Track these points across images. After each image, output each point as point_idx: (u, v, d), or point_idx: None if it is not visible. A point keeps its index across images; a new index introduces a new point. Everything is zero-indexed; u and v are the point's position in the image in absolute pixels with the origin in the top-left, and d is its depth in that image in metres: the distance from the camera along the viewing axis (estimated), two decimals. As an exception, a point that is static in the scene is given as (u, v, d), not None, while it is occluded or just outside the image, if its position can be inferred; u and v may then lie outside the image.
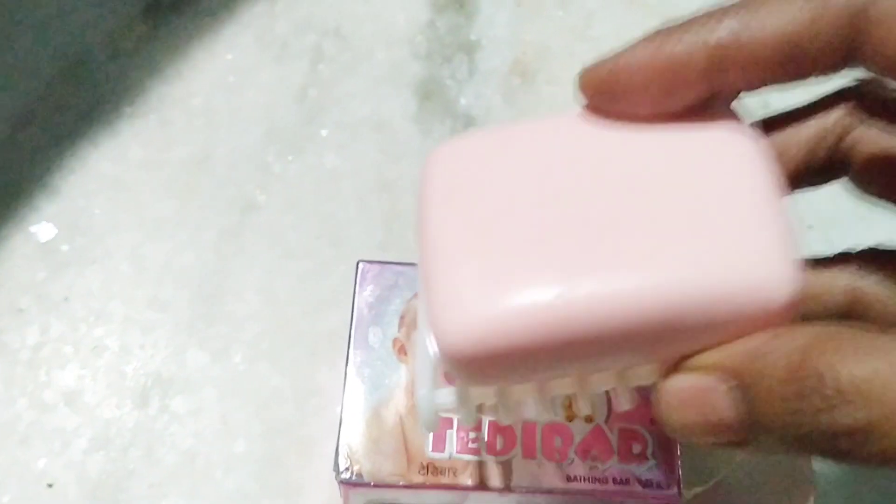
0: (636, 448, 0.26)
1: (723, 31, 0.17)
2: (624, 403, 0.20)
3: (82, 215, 0.37)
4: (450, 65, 0.40)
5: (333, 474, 0.26)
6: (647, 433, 0.27)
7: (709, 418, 0.17)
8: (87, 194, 0.37)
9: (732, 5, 0.17)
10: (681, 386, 0.17)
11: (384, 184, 0.38)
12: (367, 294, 0.29)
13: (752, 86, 0.18)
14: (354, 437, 0.27)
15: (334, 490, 0.31)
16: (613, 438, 0.27)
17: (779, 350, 0.16)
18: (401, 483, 0.26)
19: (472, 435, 0.27)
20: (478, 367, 0.18)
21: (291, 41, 0.41)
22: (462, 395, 0.21)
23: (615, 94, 0.19)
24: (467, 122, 0.39)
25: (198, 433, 0.33)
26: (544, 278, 0.17)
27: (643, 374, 0.19)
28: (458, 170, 0.20)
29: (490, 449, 0.26)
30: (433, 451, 0.26)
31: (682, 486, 0.26)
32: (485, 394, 0.21)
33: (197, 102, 0.40)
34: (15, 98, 0.39)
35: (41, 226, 0.36)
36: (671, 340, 0.18)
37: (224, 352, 0.34)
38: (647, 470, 0.26)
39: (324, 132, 0.39)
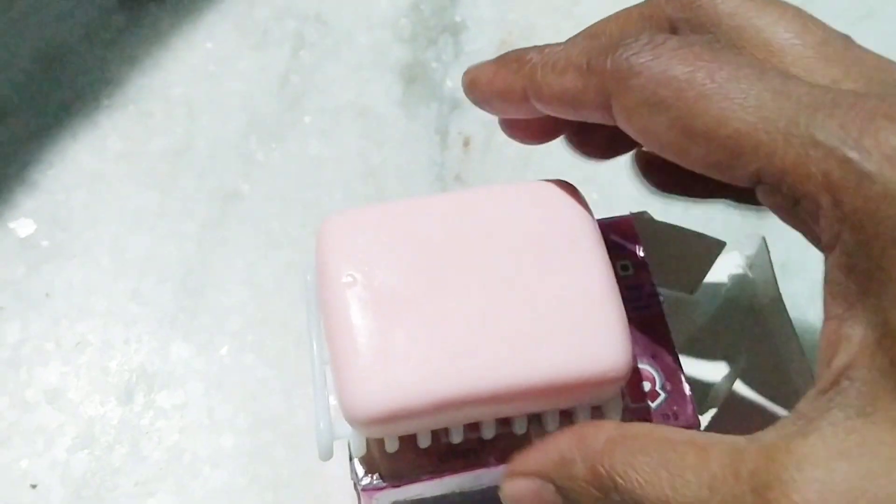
0: (646, 386, 0.26)
1: (531, 79, 0.22)
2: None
3: (62, 209, 0.36)
4: (435, 47, 0.39)
5: (352, 483, 0.25)
6: (652, 369, 0.26)
7: None
8: (67, 188, 0.36)
9: (546, 55, 0.22)
10: (517, 489, 0.21)
11: (369, 170, 0.37)
12: None
13: (559, 115, 0.22)
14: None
15: (324, 482, 0.31)
16: None
17: (581, 455, 0.19)
18: (424, 476, 0.25)
19: None
20: (372, 426, 0.22)
21: (272, 28, 0.40)
22: (357, 433, 0.23)
23: (478, 102, 0.24)
24: (453, 104, 0.38)
25: (184, 428, 0.32)
26: (428, 359, 0.22)
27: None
28: (354, 243, 0.23)
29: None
30: None
31: (696, 410, 0.26)
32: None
33: (177, 93, 0.39)
34: (-10, 92, 0.38)
35: (20, 221, 0.36)
36: (535, 404, 0.23)
37: (209, 344, 0.33)
38: (659, 404, 0.26)
39: (307, 119, 0.38)
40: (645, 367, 0.26)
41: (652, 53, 0.19)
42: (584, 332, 0.22)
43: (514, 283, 0.23)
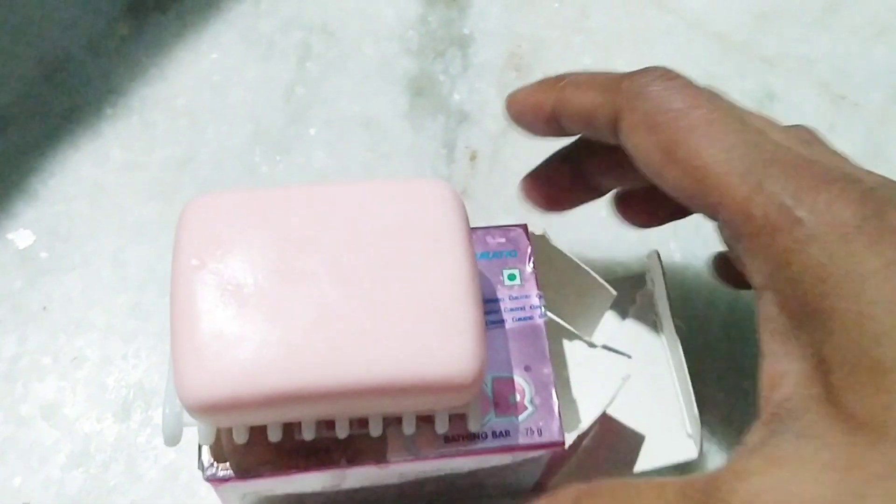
0: (516, 397, 0.26)
1: (559, 95, 0.25)
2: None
3: (62, 220, 0.35)
4: (442, 60, 0.39)
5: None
6: (524, 381, 0.26)
7: None
8: (67, 199, 0.36)
9: (574, 79, 0.25)
10: None
11: (375, 183, 0.36)
12: None
13: (585, 135, 0.26)
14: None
15: None
16: (488, 390, 0.26)
17: None
18: (270, 471, 0.24)
19: None
20: (204, 413, 0.21)
21: (278, 39, 0.40)
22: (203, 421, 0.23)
23: (513, 118, 0.27)
24: (461, 117, 0.37)
25: (180, 447, 0.31)
26: (266, 349, 0.21)
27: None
28: (211, 227, 0.23)
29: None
30: None
31: (563, 429, 0.25)
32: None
33: (181, 103, 0.38)
34: (-8, 101, 0.37)
35: (19, 233, 0.35)
36: (382, 404, 0.23)
37: (209, 360, 0.33)
38: (526, 418, 0.25)
39: (312, 131, 0.37)
40: (517, 379, 0.26)
41: (662, 84, 0.22)
42: (434, 333, 0.22)
43: (369, 281, 0.22)
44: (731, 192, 0.20)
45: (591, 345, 0.31)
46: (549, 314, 0.27)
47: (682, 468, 0.28)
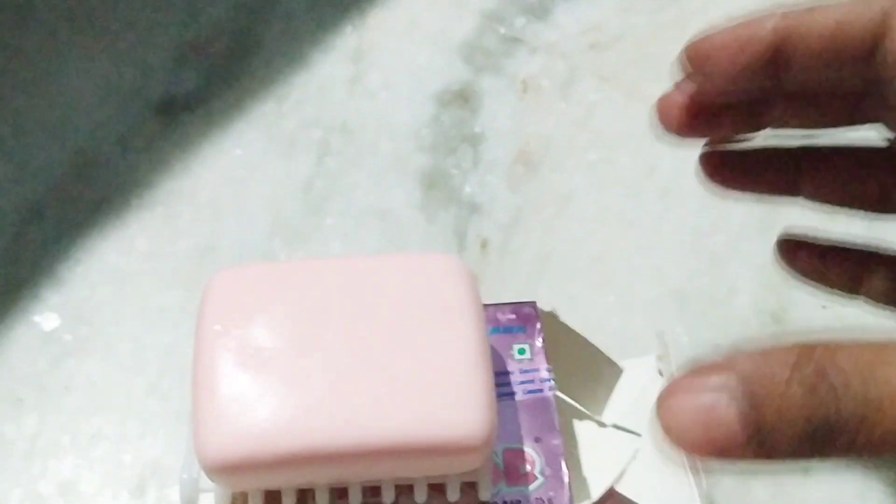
0: (526, 467, 0.26)
1: (791, 16, 0.21)
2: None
3: (86, 305, 0.37)
4: (454, 155, 0.41)
5: None
6: (534, 452, 0.26)
7: (714, 434, 0.17)
8: (93, 284, 0.37)
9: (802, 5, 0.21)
10: (681, 406, 0.17)
11: (389, 271, 0.37)
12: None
13: (804, 68, 0.21)
14: None
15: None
16: (499, 460, 0.26)
17: (778, 357, 0.17)
18: None
19: None
20: (220, 475, 0.22)
21: (299, 136, 0.42)
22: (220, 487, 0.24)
23: (702, 59, 0.22)
24: (472, 208, 0.39)
25: (195, 524, 0.31)
26: (282, 412, 0.22)
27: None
28: (234, 297, 0.24)
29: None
30: None
31: (573, 499, 0.25)
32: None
33: (204, 196, 0.40)
34: (27, 192, 0.39)
35: (45, 315, 0.36)
36: (393, 469, 0.23)
37: (224, 440, 0.33)
38: (536, 488, 0.25)
39: (329, 221, 0.39)
40: (528, 450, 0.26)
41: None
42: (445, 398, 0.23)
43: (383, 348, 0.23)
44: None
45: (601, 423, 0.31)
46: (558, 393, 0.28)
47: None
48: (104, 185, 0.40)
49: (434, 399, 0.23)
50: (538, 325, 0.28)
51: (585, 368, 0.30)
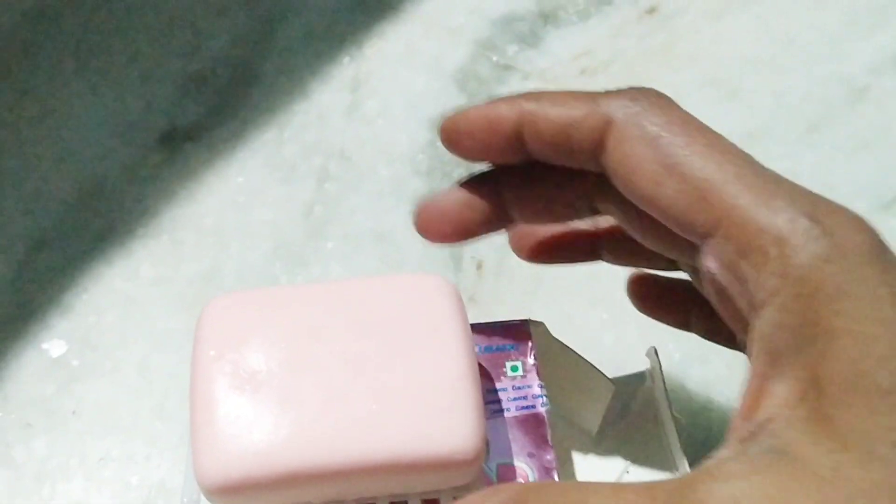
0: (518, 482, 0.26)
1: (529, 105, 0.23)
2: None
3: (93, 331, 0.38)
4: (450, 179, 0.42)
5: None
6: (527, 466, 0.27)
7: None
8: (99, 311, 0.38)
9: (544, 93, 0.23)
10: None
11: (388, 293, 0.38)
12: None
13: (541, 153, 0.23)
14: None
15: None
16: (493, 475, 0.27)
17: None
18: None
19: None
20: (219, 496, 0.23)
21: (299, 163, 0.43)
22: None
23: (458, 136, 0.24)
24: (468, 231, 0.40)
25: (200, 542, 0.32)
26: (276, 432, 0.23)
27: None
28: (228, 322, 0.25)
29: None
30: None
31: None
32: None
33: (208, 222, 0.41)
34: (34, 221, 0.40)
35: (53, 342, 0.37)
36: (387, 484, 0.24)
37: (228, 460, 0.34)
38: None
39: (329, 245, 0.40)
40: (521, 465, 0.27)
41: (658, 101, 0.22)
42: (434, 414, 0.23)
43: (374, 367, 0.24)
44: (741, 204, 0.20)
45: (593, 439, 0.32)
46: (550, 409, 0.29)
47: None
48: (110, 213, 0.41)
49: (424, 415, 0.23)
50: (530, 343, 0.29)
51: (578, 384, 0.31)
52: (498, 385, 0.29)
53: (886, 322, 0.18)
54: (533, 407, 0.28)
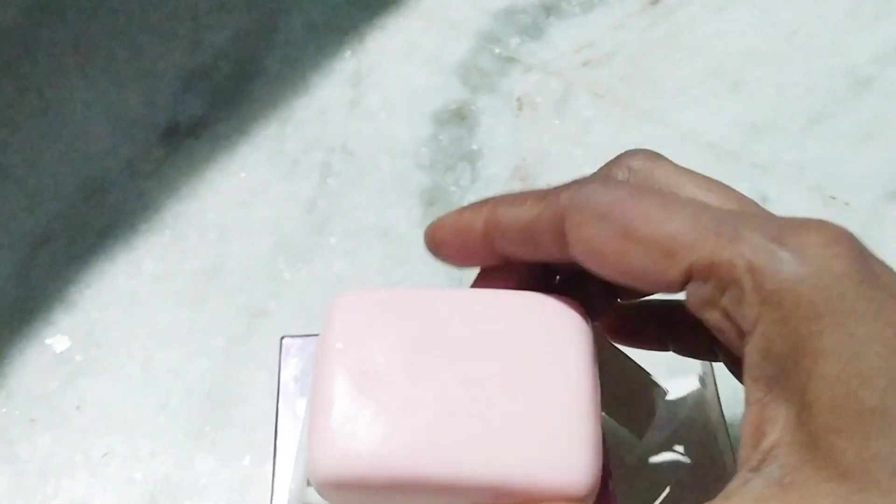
0: None
1: (491, 211, 0.24)
2: None
3: (97, 327, 0.37)
4: (453, 173, 0.42)
5: None
6: None
7: None
8: (103, 307, 0.38)
9: (506, 196, 0.24)
10: None
11: (391, 286, 0.38)
12: (291, 367, 0.30)
13: (519, 255, 0.24)
14: None
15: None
16: None
17: None
18: None
19: None
20: (331, 491, 0.23)
21: (301, 158, 0.43)
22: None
23: (436, 245, 0.26)
24: (471, 224, 0.40)
25: (205, 538, 0.32)
26: (393, 437, 0.22)
27: None
28: (358, 318, 0.24)
29: None
30: None
31: None
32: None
33: (210, 218, 0.41)
34: (37, 218, 0.40)
35: (56, 338, 0.37)
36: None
37: (233, 455, 0.34)
38: None
39: (332, 240, 0.40)
40: None
41: (604, 183, 0.23)
42: (552, 442, 0.23)
43: (495, 384, 0.23)
44: (707, 248, 0.20)
45: (639, 443, 0.31)
46: (603, 414, 0.28)
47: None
48: (112, 209, 0.41)
49: (541, 442, 0.23)
50: None
51: (629, 388, 0.30)
52: None
53: (867, 338, 0.18)
54: None
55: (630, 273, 0.22)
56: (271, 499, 0.26)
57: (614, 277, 0.22)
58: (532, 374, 0.24)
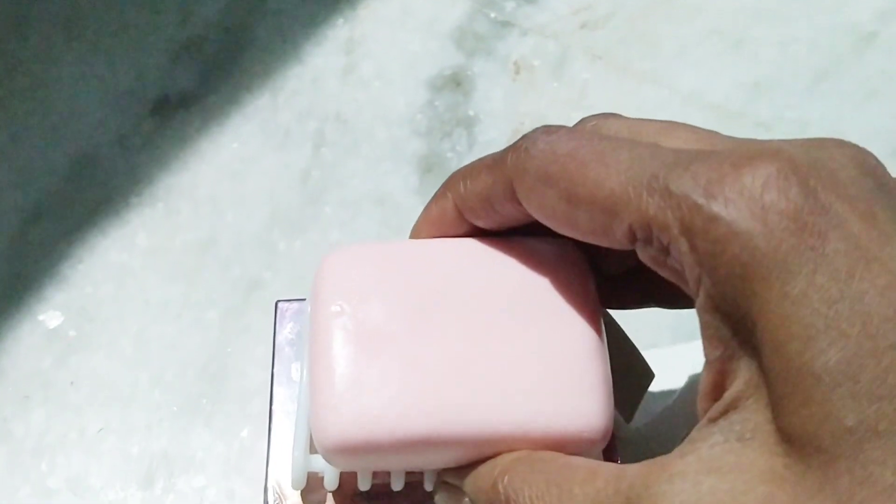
0: None
1: (455, 192, 0.24)
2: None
3: (90, 302, 0.37)
4: (450, 139, 0.41)
5: None
6: None
7: None
8: (95, 282, 0.37)
9: (462, 170, 0.24)
10: (441, 498, 0.24)
11: (388, 255, 0.38)
12: (286, 332, 0.28)
13: (495, 225, 0.24)
14: (283, 474, 0.26)
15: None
16: None
17: (489, 470, 0.21)
18: None
19: None
20: (337, 456, 0.22)
21: (294, 128, 0.42)
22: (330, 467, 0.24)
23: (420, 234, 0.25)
24: (468, 191, 0.39)
25: (203, 511, 0.32)
26: (400, 396, 0.22)
27: None
28: (350, 276, 0.23)
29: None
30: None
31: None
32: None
33: (203, 191, 0.40)
34: (28, 194, 0.39)
35: (49, 314, 0.37)
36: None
37: (230, 428, 0.34)
38: None
39: (327, 210, 0.39)
40: None
41: (543, 139, 0.21)
42: (564, 388, 0.22)
43: (500, 333, 0.23)
44: (641, 207, 0.19)
45: (625, 426, 0.30)
46: None
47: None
48: (103, 183, 0.40)
49: (553, 389, 0.22)
50: None
51: (618, 365, 0.29)
52: None
53: (803, 297, 0.16)
54: None
55: (583, 234, 0.21)
56: (267, 462, 0.25)
57: (579, 238, 0.21)
58: (537, 320, 0.23)
